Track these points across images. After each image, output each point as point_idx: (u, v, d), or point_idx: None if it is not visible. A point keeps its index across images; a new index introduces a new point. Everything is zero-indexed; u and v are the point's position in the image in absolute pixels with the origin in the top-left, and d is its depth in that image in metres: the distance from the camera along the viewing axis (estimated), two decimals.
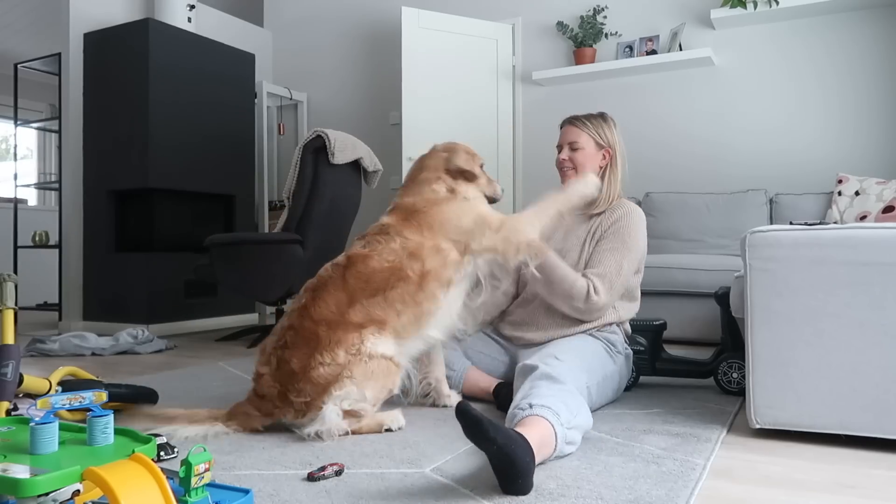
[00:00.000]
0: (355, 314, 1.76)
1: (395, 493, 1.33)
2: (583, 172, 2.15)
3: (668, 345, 3.34)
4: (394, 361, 1.78)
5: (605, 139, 2.18)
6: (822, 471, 1.49)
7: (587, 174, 2.09)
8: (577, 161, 2.18)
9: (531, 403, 1.51)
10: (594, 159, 2.18)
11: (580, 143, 2.18)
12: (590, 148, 2.18)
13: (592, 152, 2.18)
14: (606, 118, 2.23)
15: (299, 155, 3.61)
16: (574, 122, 2.21)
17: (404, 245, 1.82)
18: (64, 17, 4.62)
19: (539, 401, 1.52)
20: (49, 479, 0.96)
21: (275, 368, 1.75)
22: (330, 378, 1.69)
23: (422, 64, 4.70)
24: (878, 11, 3.95)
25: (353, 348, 1.72)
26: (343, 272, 1.82)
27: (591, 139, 2.18)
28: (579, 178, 2.06)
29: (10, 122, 7.46)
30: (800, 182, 4.10)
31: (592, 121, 2.20)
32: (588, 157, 2.17)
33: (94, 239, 4.54)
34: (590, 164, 2.17)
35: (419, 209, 1.89)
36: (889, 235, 1.61)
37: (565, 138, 2.22)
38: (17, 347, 1.69)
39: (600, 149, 2.18)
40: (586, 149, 2.17)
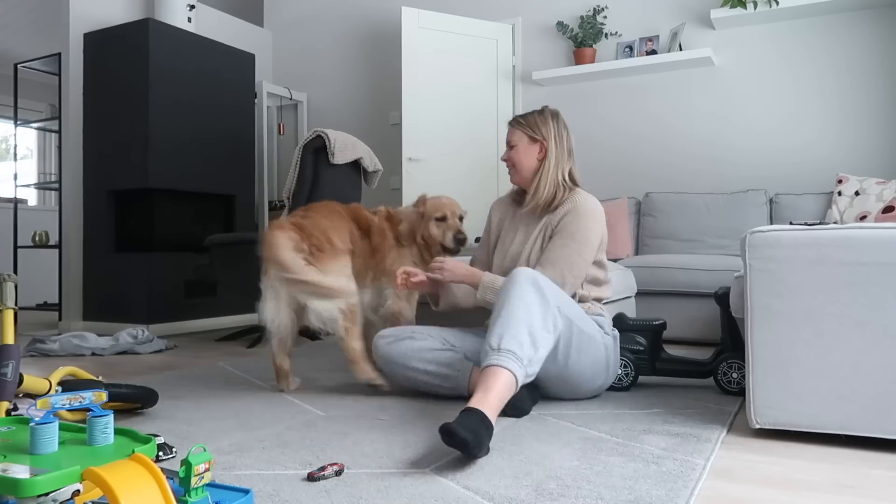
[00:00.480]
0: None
1: (395, 493, 1.33)
2: (521, 168, 2.24)
3: (668, 345, 3.34)
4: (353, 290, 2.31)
5: (539, 133, 2.23)
6: (822, 471, 1.49)
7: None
8: (513, 160, 2.26)
9: (500, 347, 1.70)
10: (529, 155, 2.23)
11: (514, 141, 2.26)
12: (522, 144, 2.24)
13: (525, 147, 2.24)
14: (544, 111, 2.28)
15: (299, 155, 3.61)
16: (511, 122, 2.30)
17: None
18: (64, 17, 4.62)
19: (508, 343, 1.70)
20: (49, 479, 0.96)
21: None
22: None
23: (422, 64, 4.70)
24: (878, 11, 3.95)
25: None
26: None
27: (524, 135, 2.24)
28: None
29: (10, 122, 7.46)
30: (800, 182, 4.10)
31: (528, 117, 2.27)
32: (522, 154, 2.24)
33: (94, 239, 4.54)
34: (525, 160, 2.23)
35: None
36: (889, 235, 1.61)
37: (507, 139, 2.30)
38: (17, 347, 1.69)
39: (534, 142, 2.23)
40: (519, 146, 2.24)
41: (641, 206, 4.32)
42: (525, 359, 1.71)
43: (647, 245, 4.19)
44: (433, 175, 4.73)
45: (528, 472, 1.45)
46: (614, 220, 4.10)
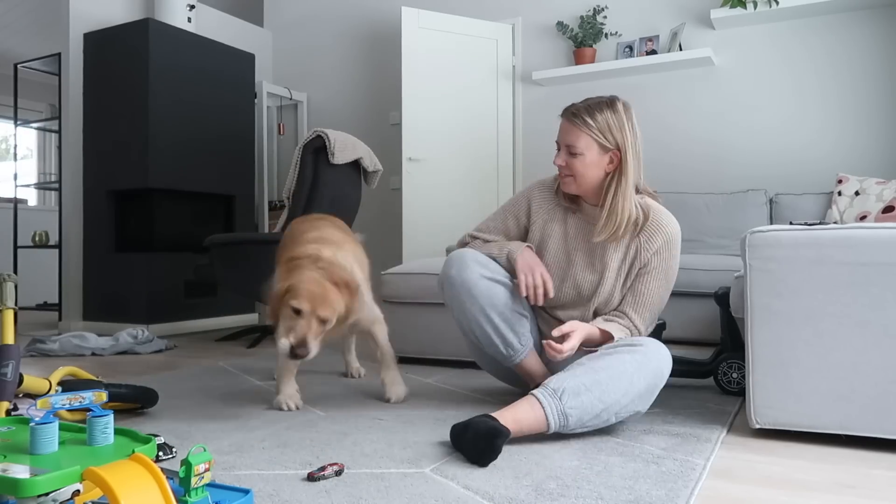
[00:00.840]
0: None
1: (395, 493, 1.33)
2: (583, 181, 1.85)
3: (668, 345, 3.34)
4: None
5: (612, 140, 1.81)
6: (823, 471, 1.49)
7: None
8: (575, 170, 1.84)
9: (563, 400, 1.62)
10: (597, 166, 1.83)
11: (579, 148, 1.82)
12: (592, 153, 1.82)
13: (594, 159, 1.82)
14: (615, 106, 1.83)
15: (299, 155, 3.61)
16: (573, 120, 1.84)
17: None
18: (64, 17, 4.62)
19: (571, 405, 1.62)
20: (49, 479, 0.96)
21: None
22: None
23: (422, 64, 4.70)
24: (878, 11, 3.95)
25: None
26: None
27: (594, 142, 1.81)
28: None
29: (10, 122, 7.46)
30: (800, 182, 4.10)
31: (597, 116, 1.81)
32: (588, 166, 1.83)
33: (94, 239, 4.54)
34: (591, 172, 1.83)
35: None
36: (889, 235, 1.61)
37: (562, 138, 1.87)
38: (17, 347, 1.69)
39: (606, 152, 1.82)
40: (586, 155, 1.82)
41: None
42: (571, 426, 1.62)
43: None
44: (433, 175, 4.73)
45: (528, 471, 1.45)
46: None
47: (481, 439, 1.50)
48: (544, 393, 1.63)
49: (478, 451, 1.50)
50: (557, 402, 1.61)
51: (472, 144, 4.79)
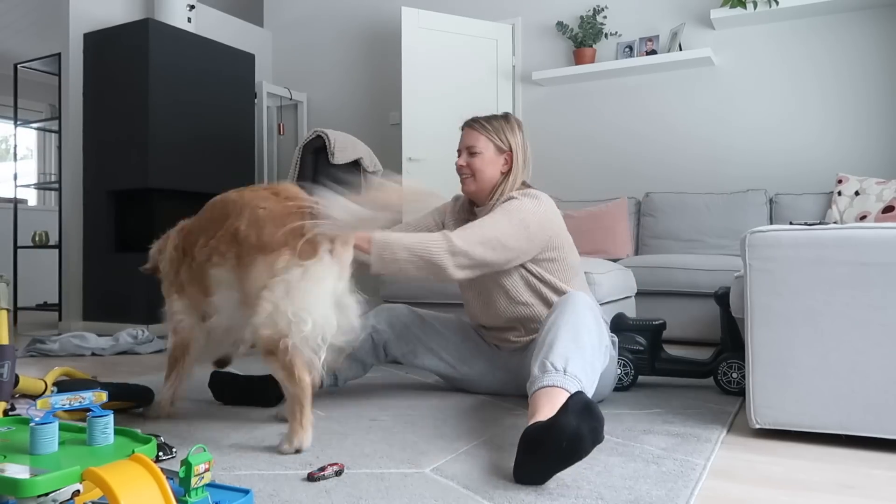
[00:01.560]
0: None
1: (395, 493, 1.33)
2: (481, 178, 2.04)
3: (667, 345, 3.35)
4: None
5: (507, 143, 2.06)
6: (823, 471, 1.49)
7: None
8: (474, 167, 2.05)
9: (566, 370, 1.53)
10: (494, 165, 2.06)
11: (478, 147, 2.05)
12: (489, 153, 2.05)
13: (492, 157, 2.06)
14: (510, 119, 2.10)
15: (299, 155, 3.62)
16: (473, 125, 2.09)
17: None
18: (64, 17, 4.62)
19: (574, 368, 1.53)
20: (49, 479, 0.96)
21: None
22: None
23: (422, 64, 4.70)
24: (878, 11, 3.95)
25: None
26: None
27: (491, 143, 2.05)
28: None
29: (10, 122, 7.46)
30: (800, 182, 4.11)
31: (494, 123, 2.07)
32: (487, 163, 2.05)
33: (94, 239, 4.54)
34: (489, 169, 2.05)
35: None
36: (889, 235, 1.61)
37: (464, 142, 2.08)
38: (13, 348, 1.69)
39: (501, 153, 2.06)
40: (485, 154, 2.05)
41: (641, 206, 4.32)
42: (587, 386, 1.58)
43: (647, 245, 4.19)
44: (433, 175, 4.73)
45: None
46: (614, 220, 4.11)
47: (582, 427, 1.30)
48: (548, 376, 1.54)
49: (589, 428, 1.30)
50: (563, 377, 1.53)
51: None
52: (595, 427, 1.30)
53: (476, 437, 1.73)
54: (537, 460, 1.33)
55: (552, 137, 4.85)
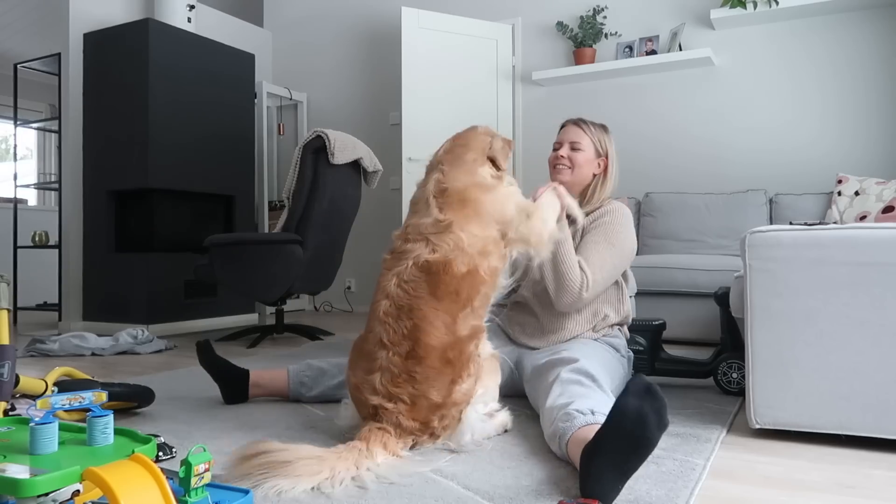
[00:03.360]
0: (462, 328, 1.66)
1: (395, 493, 1.33)
2: (578, 172, 2.15)
3: (667, 345, 3.35)
4: (496, 355, 1.75)
5: (604, 147, 2.20)
6: (823, 471, 1.49)
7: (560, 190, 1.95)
8: (575, 161, 2.16)
9: (593, 410, 1.48)
10: (591, 164, 2.18)
11: (582, 145, 2.16)
12: (590, 152, 2.17)
13: (591, 157, 2.18)
14: (607, 130, 2.25)
15: (299, 155, 3.61)
16: (580, 124, 2.21)
17: (471, 243, 1.69)
18: (64, 17, 4.62)
19: (600, 408, 1.48)
20: (49, 479, 0.96)
21: (410, 405, 1.60)
22: (469, 393, 1.64)
23: (422, 64, 4.70)
24: (877, 11, 3.95)
25: (476, 358, 1.67)
26: (429, 287, 1.65)
27: (593, 144, 2.18)
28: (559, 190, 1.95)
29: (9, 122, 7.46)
30: (800, 182, 4.11)
31: (596, 128, 2.21)
32: (587, 161, 2.16)
33: (94, 239, 4.54)
34: (587, 167, 2.17)
35: (474, 198, 1.75)
36: (889, 235, 1.61)
37: (567, 136, 2.19)
38: (13, 348, 1.69)
39: (598, 156, 2.19)
40: (587, 152, 2.17)
41: (641, 206, 4.32)
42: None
43: (646, 245, 4.19)
44: None
45: (528, 472, 1.45)
46: None
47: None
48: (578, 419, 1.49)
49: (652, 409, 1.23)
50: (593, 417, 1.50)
51: None
52: (659, 409, 1.21)
53: None
54: (603, 461, 1.21)
55: (552, 138, 4.83)
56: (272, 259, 3.54)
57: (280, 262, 3.54)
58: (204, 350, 2.17)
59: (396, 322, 1.64)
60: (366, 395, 1.64)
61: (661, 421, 1.21)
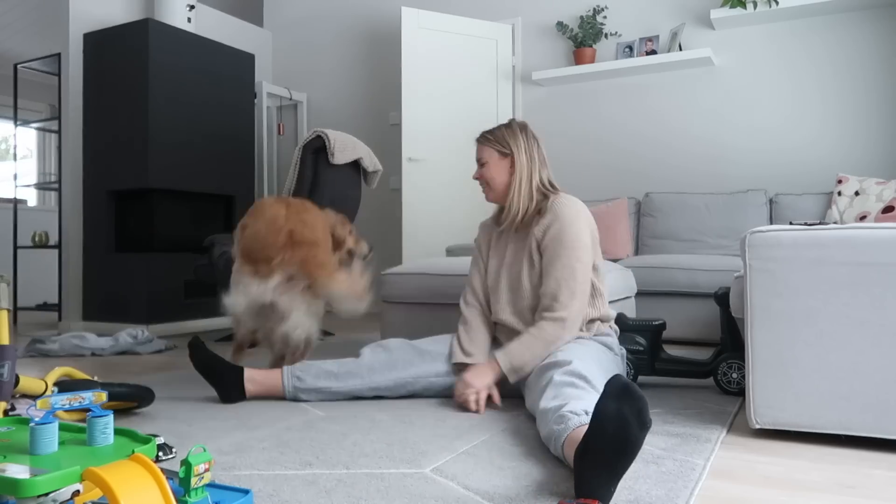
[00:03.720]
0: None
1: (395, 493, 1.33)
2: (494, 185, 2.18)
3: (667, 345, 3.35)
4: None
5: (508, 146, 2.17)
6: (823, 471, 1.49)
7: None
8: (486, 176, 2.19)
9: (587, 411, 1.46)
10: (501, 170, 2.17)
11: (484, 158, 2.19)
12: (493, 160, 2.17)
13: (496, 163, 2.17)
14: (511, 124, 2.21)
15: (299, 155, 3.61)
16: (478, 139, 2.24)
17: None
18: (64, 17, 4.62)
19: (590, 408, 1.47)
20: (49, 479, 0.96)
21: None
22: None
23: (422, 64, 4.70)
24: (877, 11, 3.95)
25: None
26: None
27: (493, 150, 2.18)
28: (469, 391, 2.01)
29: (10, 123, 7.46)
30: (800, 182, 4.11)
31: (496, 132, 2.20)
32: (494, 171, 2.17)
33: (94, 239, 4.54)
34: (499, 176, 2.17)
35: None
36: (889, 235, 1.61)
37: (477, 157, 2.23)
38: (13, 348, 1.69)
39: (504, 157, 2.17)
40: (490, 162, 2.18)
41: (641, 206, 4.32)
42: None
43: (647, 245, 4.19)
44: (433, 175, 4.73)
45: (528, 472, 1.45)
46: (614, 220, 4.10)
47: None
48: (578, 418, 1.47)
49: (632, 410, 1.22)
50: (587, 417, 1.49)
51: (472, 145, 4.78)
52: (639, 409, 1.20)
53: (476, 437, 1.73)
54: (592, 464, 1.22)
55: (552, 138, 4.84)
56: None
57: None
58: (195, 347, 2.17)
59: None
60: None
61: (642, 421, 1.20)
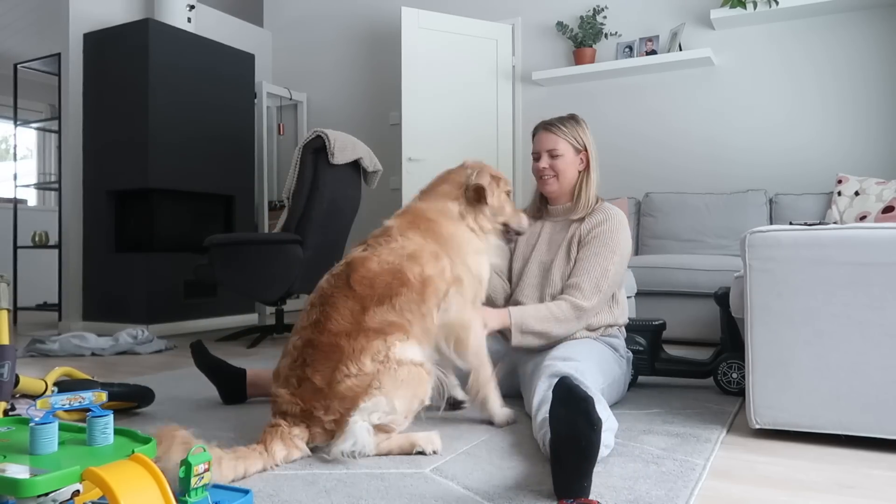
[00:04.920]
0: (371, 320, 1.60)
1: (395, 493, 1.33)
2: (563, 179, 2.13)
3: (667, 345, 3.34)
4: (424, 368, 1.62)
5: (581, 142, 2.15)
6: (822, 471, 1.49)
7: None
8: (558, 169, 2.14)
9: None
10: (574, 165, 2.14)
11: (559, 150, 2.13)
12: (569, 154, 2.13)
13: (572, 158, 2.14)
14: (579, 120, 2.18)
15: (299, 155, 3.62)
16: (550, 129, 2.16)
17: (404, 245, 1.71)
18: (64, 17, 4.62)
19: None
20: (49, 479, 0.96)
21: (296, 388, 1.57)
22: (358, 390, 1.53)
23: (422, 64, 4.70)
24: (877, 11, 3.95)
25: (380, 355, 1.57)
26: (346, 279, 1.66)
27: (570, 145, 2.13)
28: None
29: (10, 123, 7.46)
30: (800, 182, 4.10)
31: (567, 124, 2.15)
32: (568, 164, 2.13)
33: (94, 239, 4.54)
34: (570, 170, 2.14)
35: (429, 217, 1.81)
36: (889, 235, 1.61)
37: (543, 145, 2.16)
38: (13, 348, 1.69)
39: (578, 153, 2.15)
40: (566, 155, 2.13)
41: (641, 206, 4.32)
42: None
43: (647, 245, 4.19)
44: (433, 175, 4.71)
45: (528, 472, 1.45)
46: None
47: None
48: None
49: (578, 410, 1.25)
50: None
51: (472, 144, 4.79)
52: (586, 410, 1.22)
53: (476, 437, 1.73)
54: (556, 468, 1.27)
55: None
56: (272, 259, 3.54)
57: (280, 262, 3.54)
58: (198, 351, 2.17)
59: (311, 310, 1.67)
60: (273, 384, 1.65)
61: (590, 420, 1.22)
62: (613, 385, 1.99)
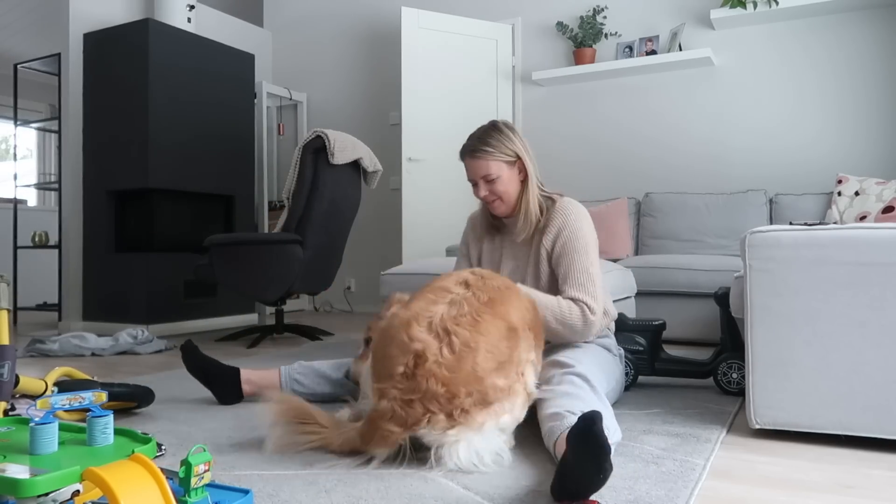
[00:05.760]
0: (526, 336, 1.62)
1: (395, 493, 1.33)
2: (507, 198, 2.01)
3: (667, 345, 3.35)
4: (531, 398, 1.61)
5: (512, 152, 2.00)
6: (822, 471, 1.49)
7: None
8: (498, 192, 2.00)
9: (584, 411, 1.44)
10: (513, 180, 2.01)
11: (493, 174, 1.98)
12: (504, 173, 1.99)
13: (508, 175, 1.99)
14: (501, 127, 2.02)
15: (299, 155, 3.62)
16: (475, 155, 1.99)
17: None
18: (64, 17, 4.62)
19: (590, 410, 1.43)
20: (49, 479, 0.96)
21: (454, 354, 1.45)
22: (506, 393, 1.49)
23: (422, 64, 4.70)
24: (877, 11, 3.95)
25: (521, 378, 1.55)
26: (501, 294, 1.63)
27: (502, 163, 1.98)
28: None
29: (10, 123, 7.46)
30: (800, 182, 4.11)
31: (491, 141, 1.99)
32: (507, 183, 2.00)
33: (93, 239, 4.54)
34: (511, 186, 2.00)
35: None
36: (889, 235, 1.61)
37: (475, 173, 2.01)
38: (13, 348, 1.69)
39: (513, 165, 2.00)
40: (502, 176, 1.98)
41: (641, 206, 4.32)
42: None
43: (646, 245, 4.19)
44: (433, 175, 4.73)
45: (528, 472, 1.45)
46: (614, 220, 4.10)
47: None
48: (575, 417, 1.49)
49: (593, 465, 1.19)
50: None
51: None
52: (599, 463, 1.17)
53: None
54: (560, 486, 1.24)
55: (552, 138, 4.85)
56: (272, 259, 3.54)
57: (280, 262, 3.54)
58: (189, 351, 2.15)
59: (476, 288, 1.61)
60: (413, 331, 1.49)
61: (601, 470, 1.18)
62: (616, 387, 2.00)
